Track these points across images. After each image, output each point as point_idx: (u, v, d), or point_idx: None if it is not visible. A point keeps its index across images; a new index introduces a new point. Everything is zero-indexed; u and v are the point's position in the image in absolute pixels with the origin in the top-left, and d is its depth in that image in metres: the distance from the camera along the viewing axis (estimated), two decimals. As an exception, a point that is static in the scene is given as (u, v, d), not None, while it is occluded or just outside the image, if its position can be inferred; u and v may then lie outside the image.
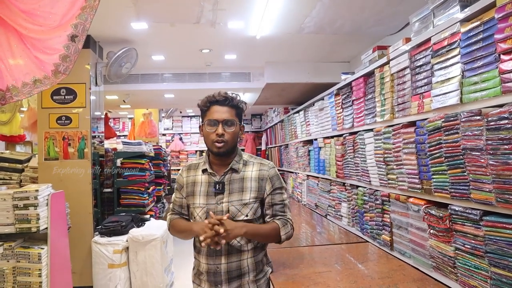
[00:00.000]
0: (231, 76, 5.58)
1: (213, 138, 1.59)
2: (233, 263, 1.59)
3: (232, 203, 1.59)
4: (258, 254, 1.65)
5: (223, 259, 1.58)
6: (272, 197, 1.64)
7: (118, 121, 10.11)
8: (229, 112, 1.61)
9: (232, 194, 1.61)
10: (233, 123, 1.61)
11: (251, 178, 1.63)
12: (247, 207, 1.59)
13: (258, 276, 1.65)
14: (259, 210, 1.64)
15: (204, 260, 1.62)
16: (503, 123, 1.34)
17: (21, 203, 2.45)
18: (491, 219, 1.43)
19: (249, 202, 1.60)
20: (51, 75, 2.14)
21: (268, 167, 1.67)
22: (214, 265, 1.59)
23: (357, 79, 2.78)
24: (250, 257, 1.62)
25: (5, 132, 4.77)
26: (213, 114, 1.60)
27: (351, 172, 2.94)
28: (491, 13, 1.43)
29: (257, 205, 1.63)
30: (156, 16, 3.39)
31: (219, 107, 1.61)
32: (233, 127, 1.61)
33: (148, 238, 3.48)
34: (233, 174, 1.64)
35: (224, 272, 1.58)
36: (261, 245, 1.68)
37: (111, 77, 4.02)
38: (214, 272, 1.59)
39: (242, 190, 1.61)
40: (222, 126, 1.58)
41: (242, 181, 1.63)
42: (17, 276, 2.48)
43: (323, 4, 3.05)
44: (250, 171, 1.65)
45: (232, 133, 1.60)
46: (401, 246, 2.16)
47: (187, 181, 1.70)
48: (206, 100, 1.64)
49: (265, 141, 8.59)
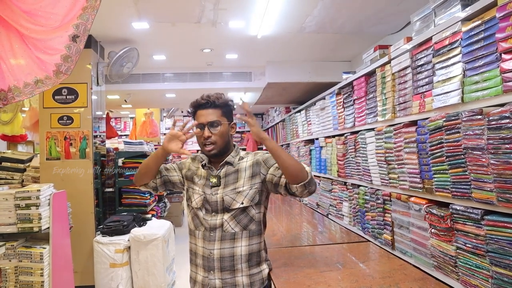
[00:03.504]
0: (232, 76, 5.57)
1: (202, 141, 1.64)
2: (225, 249, 1.59)
3: (226, 192, 1.62)
4: (252, 244, 1.64)
5: (216, 244, 1.60)
6: (274, 169, 1.60)
7: (119, 121, 10.13)
8: (214, 113, 1.64)
9: (227, 186, 1.64)
10: (218, 123, 1.63)
11: (245, 167, 1.66)
12: (242, 194, 1.61)
13: (252, 270, 1.63)
14: (257, 197, 1.63)
15: (200, 244, 1.64)
16: (504, 122, 1.34)
17: (23, 203, 2.46)
18: (492, 218, 1.43)
19: (243, 189, 1.62)
20: (52, 75, 2.15)
21: (262, 153, 1.70)
22: (208, 250, 1.61)
23: (359, 79, 2.78)
24: (244, 246, 1.61)
25: (7, 132, 4.78)
26: (199, 118, 1.65)
27: (352, 172, 2.94)
28: (492, 12, 1.43)
29: (254, 191, 1.62)
30: (157, 16, 3.39)
31: (203, 110, 1.64)
32: (219, 127, 1.63)
33: (149, 237, 3.49)
34: (228, 167, 1.67)
35: (217, 258, 1.59)
36: (257, 234, 1.65)
37: (112, 77, 4.02)
38: (207, 257, 1.61)
39: (236, 180, 1.64)
40: (208, 128, 1.62)
41: (237, 172, 1.66)
42: (19, 275, 2.49)
43: (324, 3, 3.05)
44: (245, 162, 1.68)
45: (219, 133, 1.62)
46: (402, 246, 2.16)
47: (189, 167, 1.77)
48: (191, 105, 1.69)
49: (267, 140, 8.57)
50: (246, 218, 1.62)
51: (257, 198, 1.64)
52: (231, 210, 1.60)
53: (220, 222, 1.60)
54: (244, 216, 1.62)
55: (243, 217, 1.61)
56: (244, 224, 1.62)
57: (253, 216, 1.63)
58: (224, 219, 1.61)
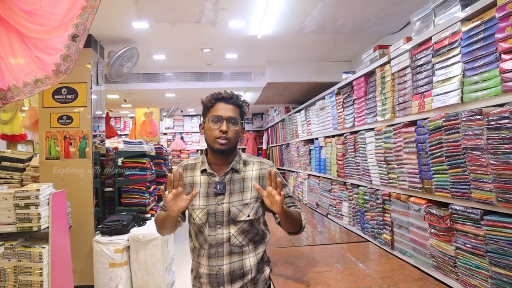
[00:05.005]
0: (232, 76, 5.57)
1: (216, 135, 1.55)
2: (235, 263, 1.57)
3: (233, 203, 1.57)
4: (259, 253, 1.64)
5: (225, 259, 1.56)
6: None
7: (119, 120, 10.11)
8: (233, 110, 1.59)
9: (233, 195, 1.59)
10: (237, 121, 1.59)
11: (251, 178, 1.62)
12: (248, 207, 1.58)
13: (257, 275, 1.63)
14: (260, 210, 1.63)
15: (205, 262, 1.59)
16: (504, 122, 1.34)
17: (22, 202, 2.46)
18: (492, 218, 1.43)
19: (250, 202, 1.58)
20: (52, 74, 2.15)
21: (269, 166, 1.66)
22: (217, 266, 1.57)
23: (358, 78, 2.78)
24: (252, 256, 1.61)
25: (7, 131, 4.79)
26: (218, 111, 1.58)
27: (352, 172, 2.94)
28: (492, 12, 1.43)
29: (258, 205, 1.61)
30: (157, 15, 3.39)
31: (224, 104, 1.58)
32: (237, 126, 1.59)
33: (149, 237, 3.48)
34: (234, 174, 1.61)
35: (227, 273, 1.56)
36: (262, 243, 1.67)
37: (112, 77, 4.02)
38: (216, 273, 1.57)
39: (243, 190, 1.60)
40: (227, 123, 1.56)
41: (243, 181, 1.61)
42: (18, 275, 2.49)
43: (324, 3, 3.05)
44: (251, 171, 1.64)
45: (235, 132, 1.59)
46: (401, 246, 2.16)
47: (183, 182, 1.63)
48: (211, 97, 1.61)
49: (266, 140, 8.59)
50: (253, 231, 1.61)
51: (261, 211, 1.63)
52: (238, 222, 1.56)
53: (227, 236, 1.56)
54: (250, 229, 1.60)
55: (250, 230, 1.60)
56: (251, 237, 1.60)
57: (258, 228, 1.63)
58: (231, 233, 1.57)
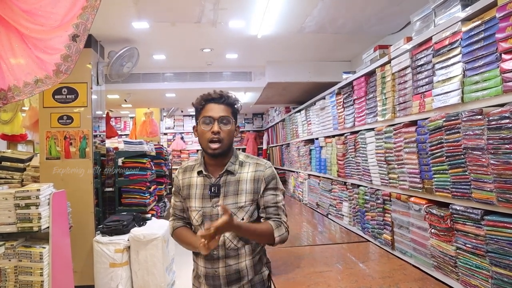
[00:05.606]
0: (232, 76, 5.57)
1: (208, 137, 1.53)
2: (231, 266, 1.56)
3: (227, 206, 1.53)
4: (256, 256, 1.63)
5: (221, 262, 1.56)
6: (265, 198, 1.58)
7: (119, 120, 10.11)
8: (225, 109, 1.56)
9: (227, 197, 1.56)
10: (229, 120, 1.56)
11: (246, 180, 1.58)
12: (243, 210, 1.56)
13: (255, 277, 1.62)
14: (256, 213, 1.60)
15: (202, 264, 1.60)
16: (504, 122, 1.34)
17: (22, 202, 2.46)
18: (492, 218, 1.43)
19: (244, 205, 1.56)
20: (52, 74, 2.15)
21: (265, 167, 1.61)
22: (212, 269, 1.57)
23: (358, 78, 2.78)
24: (249, 259, 1.59)
25: (7, 131, 4.78)
26: (209, 112, 1.55)
27: (352, 172, 2.94)
28: (492, 12, 1.43)
29: (253, 207, 1.59)
30: (157, 15, 3.39)
31: (214, 104, 1.55)
32: (229, 125, 1.56)
33: (149, 237, 3.49)
34: (228, 176, 1.58)
35: (223, 276, 1.56)
36: (259, 245, 1.65)
37: (112, 77, 4.02)
38: (212, 276, 1.57)
39: (237, 193, 1.57)
40: (218, 123, 1.53)
41: (238, 184, 1.58)
42: (19, 275, 2.49)
43: (324, 3, 3.05)
44: (246, 173, 1.60)
45: (228, 131, 1.55)
46: (402, 246, 2.16)
47: (182, 183, 1.65)
48: (201, 98, 1.59)
49: (266, 140, 8.59)
50: None
51: (256, 214, 1.61)
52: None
53: (222, 240, 1.54)
54: None
55: None
56: (246, 239, 1.58)
57: None
58: (226, 237, 1.56)
